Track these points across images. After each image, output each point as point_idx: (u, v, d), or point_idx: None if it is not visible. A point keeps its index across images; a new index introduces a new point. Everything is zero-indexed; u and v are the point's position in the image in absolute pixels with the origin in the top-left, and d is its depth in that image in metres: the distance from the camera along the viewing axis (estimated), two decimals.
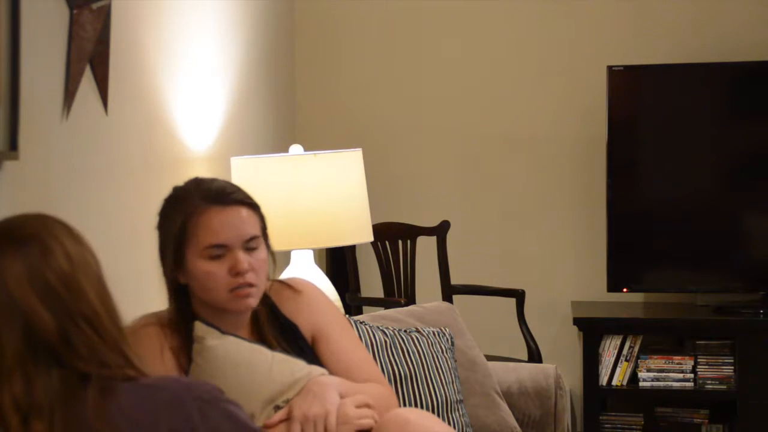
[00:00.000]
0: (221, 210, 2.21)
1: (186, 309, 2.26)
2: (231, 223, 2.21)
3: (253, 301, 2.25)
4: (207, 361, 2.19)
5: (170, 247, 2.22)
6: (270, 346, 2.27)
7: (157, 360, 2.16)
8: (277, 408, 2.18)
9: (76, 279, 1.50)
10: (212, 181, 2.28)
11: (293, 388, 2.20)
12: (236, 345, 2.21)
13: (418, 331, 2.91)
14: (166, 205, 2.27)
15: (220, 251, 2.20)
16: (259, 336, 2.32)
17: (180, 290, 2.26)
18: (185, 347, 2.23)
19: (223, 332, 2.23)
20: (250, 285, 2.22)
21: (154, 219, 2.30)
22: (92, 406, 1.46)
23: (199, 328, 2.22)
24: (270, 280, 2.35)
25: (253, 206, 2.27)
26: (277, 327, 2.35)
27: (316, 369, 2.26)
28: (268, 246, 2.29)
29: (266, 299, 2.35)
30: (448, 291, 4.49)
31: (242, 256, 2.20)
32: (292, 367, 2.22)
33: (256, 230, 2.24)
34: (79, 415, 1.46)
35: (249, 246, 2.22)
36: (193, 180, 2.29)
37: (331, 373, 2.32)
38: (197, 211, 2.20)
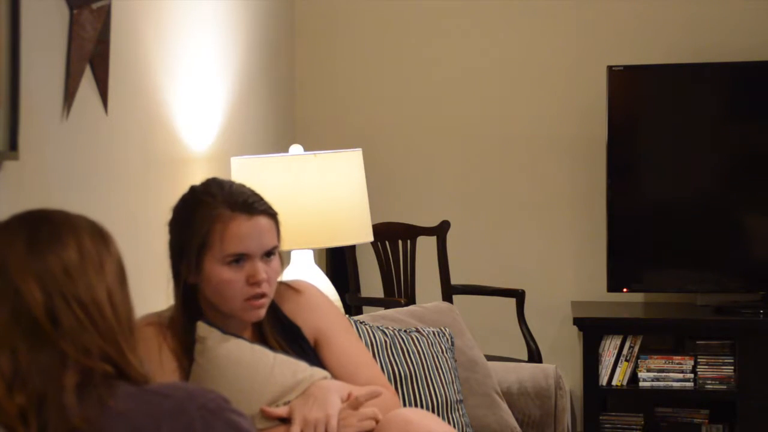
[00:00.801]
0: (247, 219, 2.22)
1: (192, 307, 2.27)
2: (255, 232, 2.22)
3: (264, 312, 2.27)
4: (208, 361, 2.19)
5: (192, 250, 2.22)
6: (272, 348, 2.28)
7: (155, 360, 2.16)
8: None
9: (81, 270, 1.51)
10: (232, 185, 2.28)
11: (295, 390, 2.19)
12: (238, 346, 2.21)
13: (418, 331, 2.91)
14: (185, 206, 2.27)
15: (240, 259, 2.21)
16: (261, 337, 2.32)
17: (187, 288, 2.27)
18: (187, 347, 2.23)
19: (225, 333, 2.23)
20: (264, 295, 2.23)
21: (154, 218, 2.30)
22: (70, 402, 1.46)
23: (201, 328, 2.22)
24: None
25: (274, 216, 2.29)
26: (279, 328, 2.35)
27: (318, 372, 2.26)
28: (280, 253, 2.31)
29: (271, 302, 2.36)
30: (448, 291, 4.49)
31: (261, 266, 2.22)
32: (294, 368, 2.22)
33: (275, 240, 2.27)
34: (60, 400, 1.46)
35: (267, 255, 2.24)
36: (213, 182, 2.29)
37: (333, 375, 2.32)
38: (223, 219, 2.21)
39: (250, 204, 2.24)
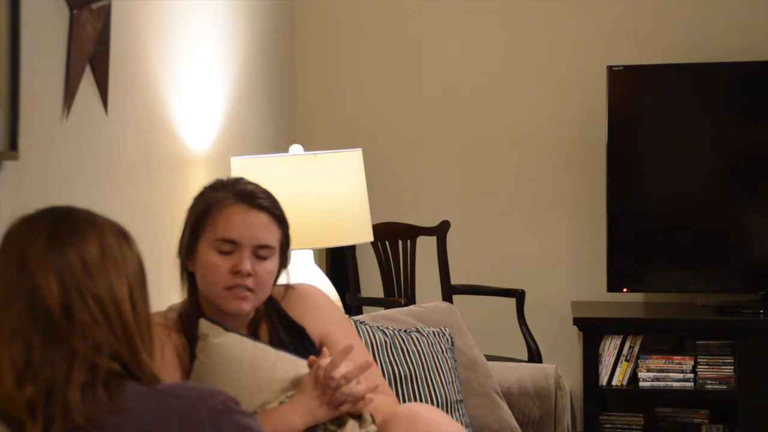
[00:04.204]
0: (245, 209, 2.24)
1: (193, 300, 2.27)
2: (249, 223, 2.23)
3: (246, 307, 2.25)
4: (210, 358, 2.19)
5: (188, 229, 2.26)
6: (275, 346, 2.27)
7: (157, 357, 2.16)
8: (281, 404, 2.18)
9: (101, 267, 1.52)
10: (249, 183, 2.31)
11: (297, 387, 2.19)
12: (240, 343, 2.21)
13: (418, 331, 2.91)
14: (200, 191, 2.32)
15: (229, 247, 2.22)
16: (264, 336, 2.32)
17: (190, 280, 2.28)
18: (189, 346, 2.23)
19: (228, 329, 2.23)
20: (247, 289, 2.22)
21: (154, 218, 2.30)
22: (74, 399, 1.46)
23: (204, 325, 2.22)
24: (278, 285, 2.36)
25: (278, 218, 2.29)
26: (284, 328, 2.35)
27: None
28: (284, 259, 2.30)
29: (273, 302, 2.36)
30: (448, 291, 4.49)
31: (248, 259, 2.22)
32: (297, 366, 2.22)
33: (271, 241, 2.26)
34: (66, 397, 1.47)
35: (260, 254, 2.24)
36: (235, 178, 2.34)
37: None
38: (223, 204, 2.24)
39: (254, 197, 2.26)
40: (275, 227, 2.27)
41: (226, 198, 2.25)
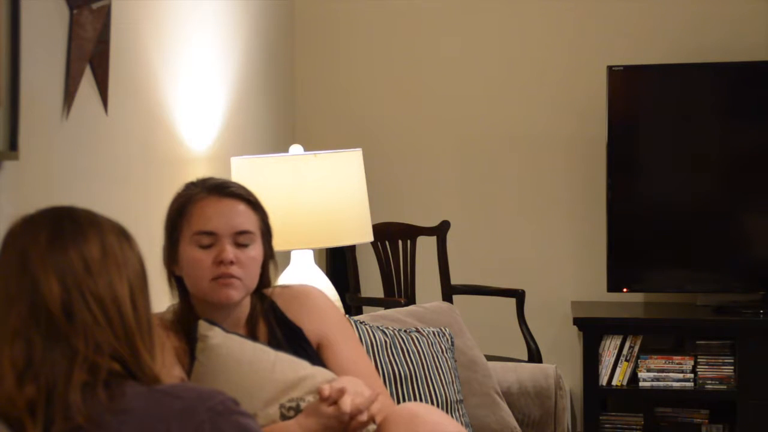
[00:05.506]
0: (218, 200, 2.24)
1: (186, 304, 2.27)
2: (224, 212, 2.23)
3: (236, 294, 2.23)
4: (210, 359, 2.19)
5: (167, 232, 2.26)
6: (273, 347, 2.27)
7: (158, 357, 2.16)
8: (282, 407, 2.18)
9: (103, 267, 1.52)
10: (219, 179, 2.32)
11: (297, 387, 2.19)
12: (239, 343, 2.21)
13: (418, 331, 2.91)
14: (174, 197, 2.31)
15: (209, 240, 2.22)
16: (262, 337, 2.32)
17: (179, 285, 2.28)
18: (188, 347, 2.23)
19: (227, 330, 2.23)
20: (233, 277, 2.22)
21: (154, 218, 2.30)
22: (74, 399, 1.46)
23: (203, 326, 2.22)
24: (276, 286, 2.36)
25: (253, 204, 2.28)
26: (281, 329, 2.35)
27: (320, 371, 2.25)
28: (268, 247, 2.30)
29: (271, 303, 2.36)
30: (448, 291, 4.49)
31: (229, 247, 2.21)
32: (296, 366, 2.22)
33: (249, 226, 2.25)
34: (66, 397, 1.47)
35: (240, 241, 2.24)
36: (204, 177, 2.34)
37: None
38: (195, 199, 2.25)
39: (224, 187, 2.26)
40: (251, 213, 2.27)
41: (197, 193, 2.25)
